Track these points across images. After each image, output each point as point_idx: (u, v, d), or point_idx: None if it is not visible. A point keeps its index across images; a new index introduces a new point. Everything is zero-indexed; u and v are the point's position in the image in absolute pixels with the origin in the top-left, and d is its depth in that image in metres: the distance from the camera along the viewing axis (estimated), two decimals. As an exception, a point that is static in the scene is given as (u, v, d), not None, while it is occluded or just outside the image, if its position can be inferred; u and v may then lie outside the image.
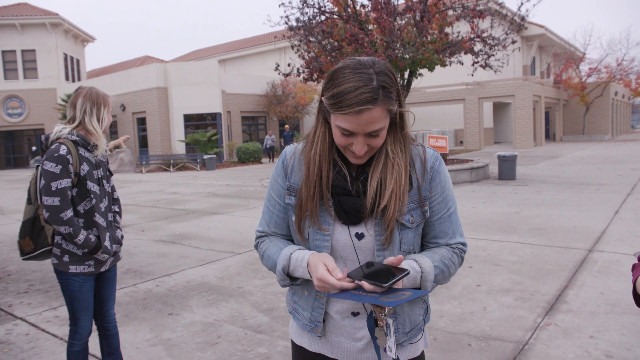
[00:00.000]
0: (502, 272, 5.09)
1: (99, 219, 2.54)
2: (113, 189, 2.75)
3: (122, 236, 2.75)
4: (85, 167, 2.48)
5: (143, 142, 27.06)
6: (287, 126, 25.57)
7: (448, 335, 3.63)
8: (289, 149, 1.51)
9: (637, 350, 3.25)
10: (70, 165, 2.41)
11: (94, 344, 3.52)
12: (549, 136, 36.52)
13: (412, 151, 1.41)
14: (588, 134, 35.93)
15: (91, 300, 2.63)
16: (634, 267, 1.44)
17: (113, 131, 27.88)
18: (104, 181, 2.62)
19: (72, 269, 2.51)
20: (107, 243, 2.56)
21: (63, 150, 2.40)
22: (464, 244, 1.46)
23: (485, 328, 3.71)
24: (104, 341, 2.78)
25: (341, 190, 1.35)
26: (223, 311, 4.30)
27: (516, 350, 3.34)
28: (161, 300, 4.67)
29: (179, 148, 25.36)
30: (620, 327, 3.61)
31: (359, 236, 1.36)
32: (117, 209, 2.75)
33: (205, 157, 22.87)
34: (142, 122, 26.82)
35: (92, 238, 2.50)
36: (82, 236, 2.44)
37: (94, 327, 2.75)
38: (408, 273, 1.22)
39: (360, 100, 1.20)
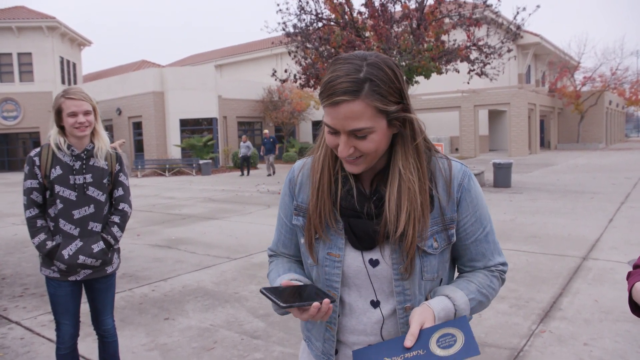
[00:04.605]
0: (497, 279, 5.10)
1: (66, 226, 2.47)
2: (120, 199, 2.64)
3: (103, 250, 2.54)
4: (57, 171, 2.45)
5: (139, 147, 27.02)
6: (266, 132, 21.83)
7: (443, 341, 3.64)
8: (297, 164, 1.38)
9: (630, 357, 3.28)
10: (36, 167, 2.46)
11: (91, 348, 3.52)
12: (544, 144, 36.72)
13: (435, 165, 1.25)
14: (582, 142, 36.15)
15: (71, 306, 2.58)
16: (629, 274, 1.46)
17: (109, 135, 27.79)
18: (93, 188, 2.52)
19: (43, 271, 2.56)
20: (67, 252, 2.46)
21: (33, 152, 2.50)
22: (504, 264, 1.32)
23: (481, 335, 3.73)
24: (102, 347, 2.78)
25: (351, 212, 1.22)
26: (219, 316, 4.31)
27: (511, 357, 3.36)
28: (157, 305, 4.66)
29: (175, 153, 25.33)
30: (614, 334, 3.64)
31: (374, 263, 1.23)
32: (117, 220, 2.62)
33: (201, 162, 22.85)
34: (138, 126, 26.79)
35: (48, 244, 2.45)
36: (37, 239, 2.47)
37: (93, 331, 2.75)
38: (332, 300, 1.14)
39: (337, 90, 1.07)
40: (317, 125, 31.57)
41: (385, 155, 1.22)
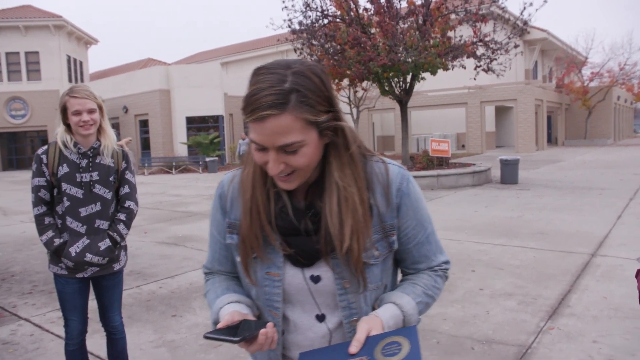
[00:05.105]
0: (505, 276, 5.09)
1: (72, 224, 2.48)
2: (127, 197, 2.64)
3: (110, 248, 2.55)
4: (64, 169, 2.46)
5: (145, 144, 27.11)
6: None
7: (451, 338, 3.63)
8: (226, 178, 1.29)
9: (640, 354, 3.26)
10: (44, 164, 2.47)
11: (99, 345, 3.54)
12: (551, 140, 36.51)
13: (372, 170, 1.19)
14: (590, 138, 35.92)
15: (78, 302, 2.60)
16: (638, 272, 1.45)
17: (115, 133, 27.91)
18: (99, 186, 2.53)
19: (51, 268, 2.58)
20: (74, 249, 2.46)
21: (41, 150, 2.51)
22: (446, 262, 1.30)
23: (488, 332, 3.72)
24: (110, 344, 2.80)
25: (288, 230, 1.15)
26: (226, 313, 4.31)
27: (519, 354, 3.34)
28: (164, 302, 4.68)
29: (181, 150, 25.40)
30: (623, 331, 3.61)
31: (315, 279, 1.17)
32: (123, 218, 2.62)
33: (207, 159, 22.92)
34: (144, 124, 26.87)
35: (56, 241, 2.46)
36: (45, 236, 2.48)
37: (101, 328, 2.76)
38: (264, 323, 1.09)
39: (261, 104, 0.99)
40: (323, 122, 31.44)
41: (319, 166, 1.14)
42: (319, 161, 1.12)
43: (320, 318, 1.21)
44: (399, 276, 1.34)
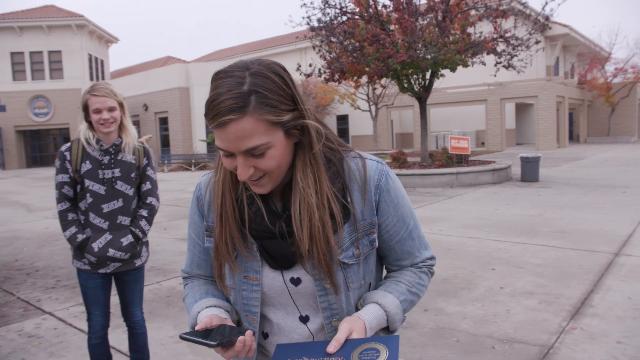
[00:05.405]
0: (526, 274, 5.03)
1: (95, 220, 2.52)
2: (148, 193, 2.67)
3: (132, 244, 2.59)
4: (87, 166, 2.50)
5: (165, 142, 27.42)
6: None
7: (471, 337, 3.60)
8: (203, 180, 1.27)
9: (666, 356, 3.19)
10: (67, 161, 2.51)
11: (121, 340, 3.59)
12: (573, 137, 35.92)
13: (348, 167, 1.16)
14: (613, 135, 35.22)
15: (101, 297, 2.64)
16: None
17: (137, 130, 28.29)
18: (121, 182, 2.56)
19: (75, 263, 2.62)
20: (97, 245, 2.51)
21: (64, 147, 2.56)
22: (431, 258, 1.27)
23: (509, 331, 3.68)
24: (131, 339, 2.84)
25: (263, 233, 1.13)
26: (245, 309, 4.33)
27: (541, 353, 3.30)
28: (184, 297, 4.72)
29: (201, 147, 25.62)
30: (648, 332, 3.54)
31: (295, 281, 1.15)
32: (145, 214, 2.65)
33: (226, 156, 23.06)
34: (164, 121, 27.17)
35: (79, 237, 2.50)
36: (68, 232, 2.52)
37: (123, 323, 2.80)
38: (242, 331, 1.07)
39: (221, 109, 0.96)
40: (341, 120, 31.49)
41: (293, 166, 1.12)
42: (291, 161, 1.10)
43: (304, 319, 1.20)
44: (384, 272, 1.32)
